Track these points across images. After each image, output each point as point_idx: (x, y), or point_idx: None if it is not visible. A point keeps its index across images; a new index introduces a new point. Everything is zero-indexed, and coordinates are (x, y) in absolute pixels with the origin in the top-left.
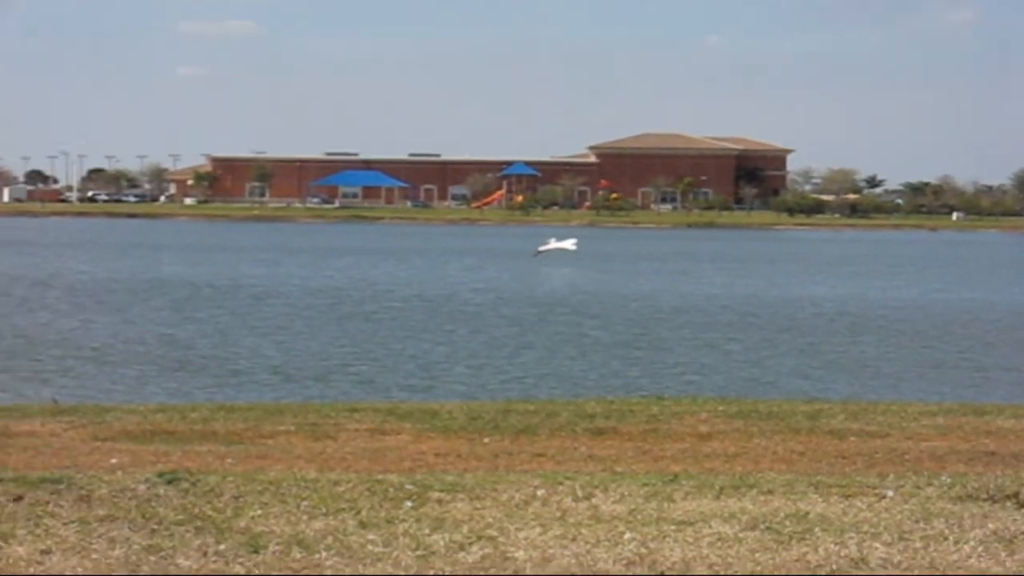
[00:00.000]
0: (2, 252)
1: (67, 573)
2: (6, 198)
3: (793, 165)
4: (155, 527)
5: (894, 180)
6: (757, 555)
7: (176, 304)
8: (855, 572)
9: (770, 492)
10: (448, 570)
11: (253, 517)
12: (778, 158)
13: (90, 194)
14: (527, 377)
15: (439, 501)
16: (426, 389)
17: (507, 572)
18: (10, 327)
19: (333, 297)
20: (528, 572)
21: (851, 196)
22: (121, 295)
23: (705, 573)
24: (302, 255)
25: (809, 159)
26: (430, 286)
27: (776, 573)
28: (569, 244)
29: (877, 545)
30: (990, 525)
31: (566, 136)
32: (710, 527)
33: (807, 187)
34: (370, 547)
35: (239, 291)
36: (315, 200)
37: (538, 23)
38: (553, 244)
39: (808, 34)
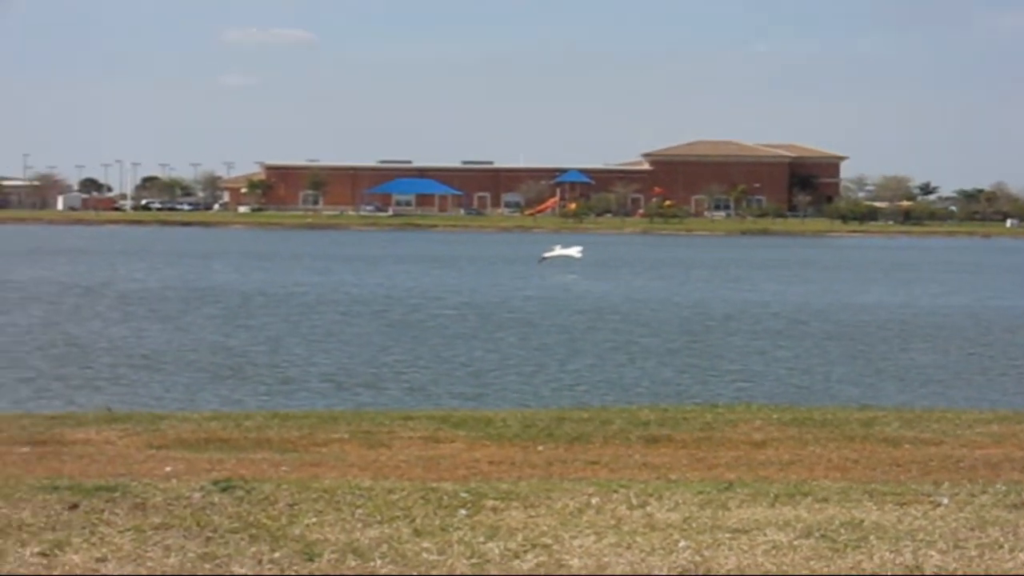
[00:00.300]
0: (56, 260)
1: None
2: (60, 206)
3: (846, 172)
4: (210, 535)
5: (948, 187)
6: (812, 563)
7: (228, 312)
8: None
9: (825, 500)
10: None
11: (308, 525)
12: (831, 165)
13: (144, 202)
14: (579, 384)
15: (493, 509)
16: (477, 397)
17: None
18: (63, 335)
19: (384, 305)
20: None
21: (904, 203)
22: (174, 303)
23: None
24: (355, 263)
25: (862, 166)
26: (480, 293)
27: None
28: (574, 251)
29: (932, 553)
30: None
31: (619, 143)
32: (765, 535)
33: (860, 194)
34: (425, 555)
35: (291, 299)
36: (369, 208)
37: (590, 30)
38: (558, 251)
39: (859, 39)
